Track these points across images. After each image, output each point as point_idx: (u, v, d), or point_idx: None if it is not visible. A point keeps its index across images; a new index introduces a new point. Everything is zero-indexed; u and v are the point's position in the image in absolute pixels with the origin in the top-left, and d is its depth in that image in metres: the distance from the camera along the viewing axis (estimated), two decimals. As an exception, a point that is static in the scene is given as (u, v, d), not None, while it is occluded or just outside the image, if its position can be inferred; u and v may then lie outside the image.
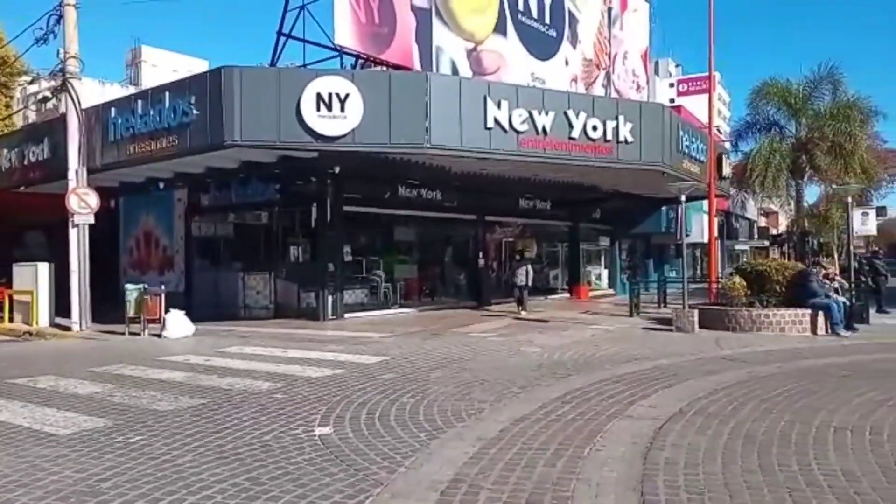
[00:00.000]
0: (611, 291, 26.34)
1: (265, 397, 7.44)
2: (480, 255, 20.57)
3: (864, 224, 17.56)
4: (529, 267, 18.33)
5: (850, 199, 17.64)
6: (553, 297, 23.62)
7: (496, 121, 14.27)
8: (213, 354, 10.84)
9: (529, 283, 18.01)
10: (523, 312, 17.35)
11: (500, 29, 19.52)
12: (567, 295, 24.30)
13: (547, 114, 14.87)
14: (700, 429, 5.86)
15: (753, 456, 5.06)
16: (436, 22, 17.71)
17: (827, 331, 13.19)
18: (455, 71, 17.99)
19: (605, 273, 27.29)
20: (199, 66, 46.64)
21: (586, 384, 7.94)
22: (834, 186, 24.37)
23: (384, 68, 16.13)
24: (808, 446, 5.31)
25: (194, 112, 13.43)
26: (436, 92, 13.80)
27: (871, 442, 5.43)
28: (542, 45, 21.13)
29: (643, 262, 30.54)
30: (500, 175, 17.72)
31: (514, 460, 5.02)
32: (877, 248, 26.55)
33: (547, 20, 21.30)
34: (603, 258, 27.37)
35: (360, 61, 16.47)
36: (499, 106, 14.30)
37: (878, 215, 54.79)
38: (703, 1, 17.81)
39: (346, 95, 13.15)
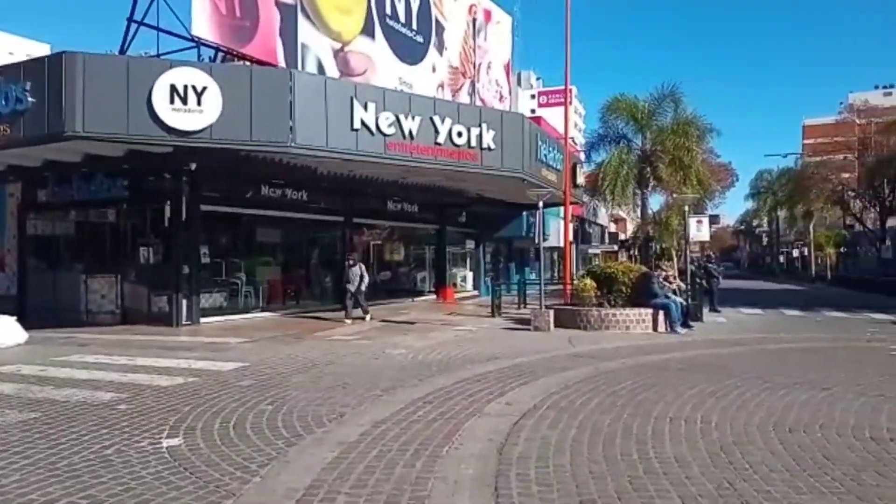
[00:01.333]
0: (475, 293, 27.06)
1: (107, 409, 6.91)
2: (348, 256, 20.36)
3: (699, 231, 19.28)
4: (362, 269, 16.46)
5: (686, 208, 19.29)
6: (420, 299, 23.88)
7: (363, 123, 14.22)
8: (50, 364, 9.91)
9: (364, 287, 16.28)
10: (349, 321, 15.69)
11: (367, 31, 19.48)
12: (434, 297, 24.66)
13: (414, 118, 15.03)
14: (552, 423, 6.15)
15: (599, 447, 5.39)
16: (301, 19, 17.36)
17: (666, 328, 14.34)
18: (321, 70, 17.72)
19: (470, 275, 27.99)
20: (41, 50, 42.55)
21: (448, 384, 8.09)
22: (674, 196, 26.59)
23: (246, 63, 15.56)
24: (647, 436, 5.73)
25: (29, 100, 12.22)
26: (301, 90, 13.51)
27: (702, 430, 5.96)
28: (409, 50, 21.33)
29: (506, 265, 31.67)
30: (368, 177, 17.67)
31: (374, 463, 5.01)
32: (710, 253, 29.28)
33: (414, 26, 21.54)
34: (468, 261, 28.06)
35: (221, 54, 15.78)
36: (366, 108, 14.26)
37: (711, 223, 60.27)
38: (563, 18, 18.78)
39: (204, 89, 12.54)
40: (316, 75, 16.41)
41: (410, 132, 14.91)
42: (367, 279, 16.45)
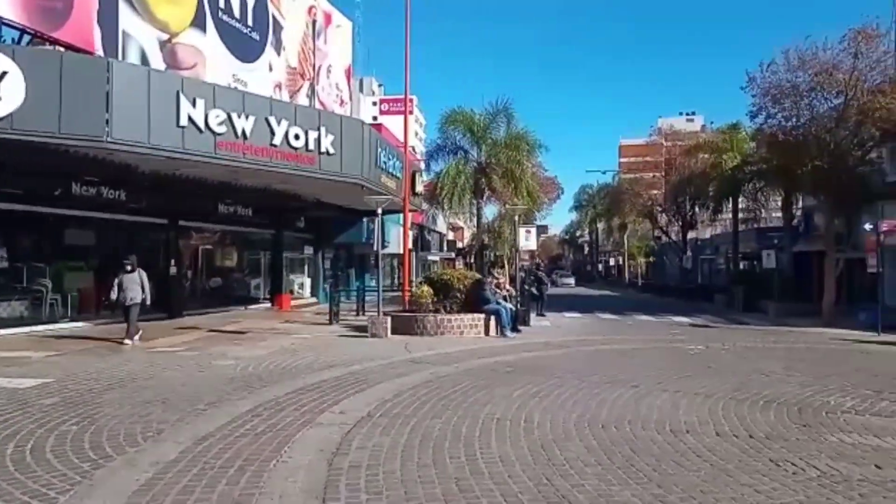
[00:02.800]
0: (314, 300, 26.51)
1: None
2: (172, 262, 19.06)
3: (528, 240, 20.38)
4: (142, 276, 13.09)
5: (517, 218, 20.32)
6: (254, 307, 22.95)
7: (191, 119, 13.43)
8: None
9: (148, 299, 13.15)
10: (128, 342, 12.66)
11: (198, 23, 18.45)
12: (269, 304, 23.81)
13: (247, 118, 14.45)
14: (384, 430, 6.15)
15: (429, 451, 5.47)
16: (123, 5, 16.05)
17: (497, 332, 14.98)
18: (145, 61, 16.48)
19: (308, 282, 27.39)
20: None
21: (280, 394, 7.82)
22: (506, 206, 27.90)
23: (57, 48, 14.08)
24: (475, 438, 5.92)
25: None
26: (119, 81, 12.48)
27: (525, 429, 6.26)
28: (244, 47, 20.50)
29: (346, 272, 31.39)
30: (196, 177, 16.69)
31: (193, 482, 4.69)
32: (539, 261, 31.05)
33: (250, 22, 20.75)
34: (306, 267, 27.45)
35: (28, 38, 14.15)
36: (194, 104, 13.48)
37: (540, 233, 63.56)
38: (404, 27, 19.02)
39: (3, 74, 11.17)
40: (138, 66, 15.22)
41: (244, 132, 14.32)
42: (148, 290, 13.09)
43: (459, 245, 59.95)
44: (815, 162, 19.97)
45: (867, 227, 19.24)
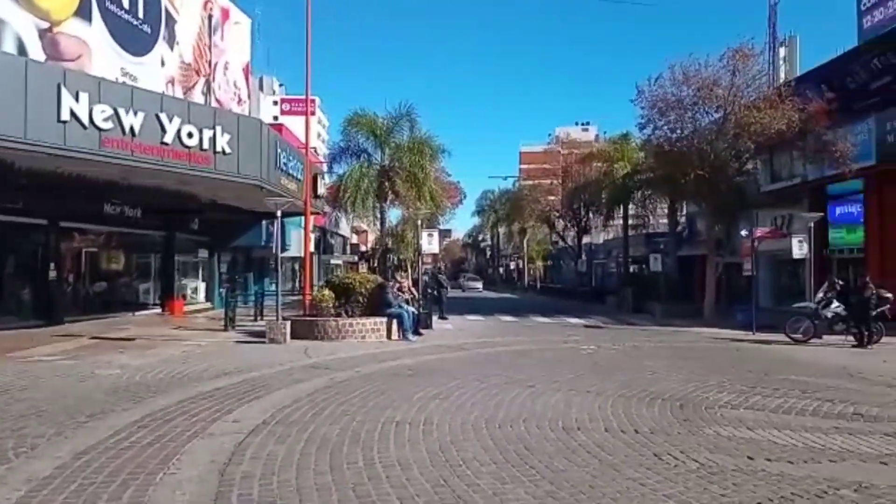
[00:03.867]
0: (209, 305, 25.50)
1: None
2: (52, 266, 17.78)
3: (430, 244, 20.52)
4: None
5: (419, 222, 20.44)
6: (143, 313, 21.77)
7: (73, 114, 12.61)
8: None
9: None
10: None
11: (83, 13, 17.34)
12: (160, 310, 22.67)
13: (136, 114, 13.73)
14: (280, 438, 6.01)
15: (326, 458, 5.40)
16: (-3, -12, 14.86)
17: (399, 336, 14.98)
18: (23, 51, 15.33)
19: (202, 286, 26.30)
20: None
21: (170, 404, 7.48)
22: (410, 210, 28.01)
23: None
24: (374, 442, 5.89)
25: None
26: (-8, 70, 11.52)
27: (424, 432, 6.30)
28: (134, 40, 19.47)
29: (243, 276, 30.39)
30: (80, 176, 15.64)
31: (71, 499, 4.41)
32: (441, 265, 31.31)
33: (140, 14, 19.74)
34: (201, 271, 26.35)
35: None
36: (77, 98, 12.66)
37: (444, 237, 63.83)
38: (305, 26, 18.66)
39: None
40: (13, 56, 14.13)
41: (132, 129, 13.59)
42: None
43: (363, 248, 59.50)
44: (698, 172, 21.32)
45: (743, 233, 20.77)
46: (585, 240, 47.29)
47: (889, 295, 15.24)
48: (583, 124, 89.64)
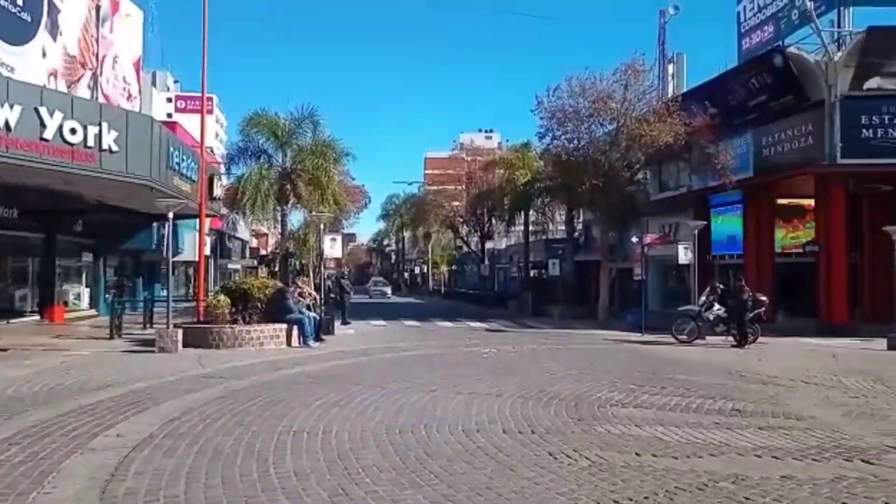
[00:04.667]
0: (93, 312, 23.94)
1: None
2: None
3: (333, 248, 20.26)
4: None
5: (322, 226, 20.11)
6: (19, 320, 20.14)
7: (-63, 105, 11.51)
8: None
9: None
10: None
11: (-50, -6, 15.92)
12: (38, 317, 21.06)
13: (12, 107, 12.76)
14: (168, 451, 5.72)
15: (218, 471, 5.18)
16: None
17: (300, 343, 14.65)
18: None
19: (86, 292, 24.67)
20: None
21: (46, 419, 6.95)
22: (312, 214, 27.47)
23: None
24: (269, 453, 5.71)
25: None
26: None
27: (322, 440, 6.18)
28: (11, 28, 18.07)
29: (132, 281, 28.78)
30: (-57, 172, 14.32)
31: (-75, 529, 4.00)
32: (344, 270, 30.95)
33: (19, 1, 18.33)
34: (85, 276, 24.72)
35: None
36: (-58, 87, 11.58)
37: (348, 241, 62.97)
38: (202, 20, 17.93)
39: None
40: None
41: (7, 123, 12.59)
42: None
43: (263, 252, 57.85)
44: (593, 181, 22.23)
45: (634, 239, 21.81)
46: (489, 245, 48.19)
47: (764, 298, 16.42)
48: (486, 132, 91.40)
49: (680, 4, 28.44)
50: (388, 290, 59.88)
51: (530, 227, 36.66)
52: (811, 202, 21.01)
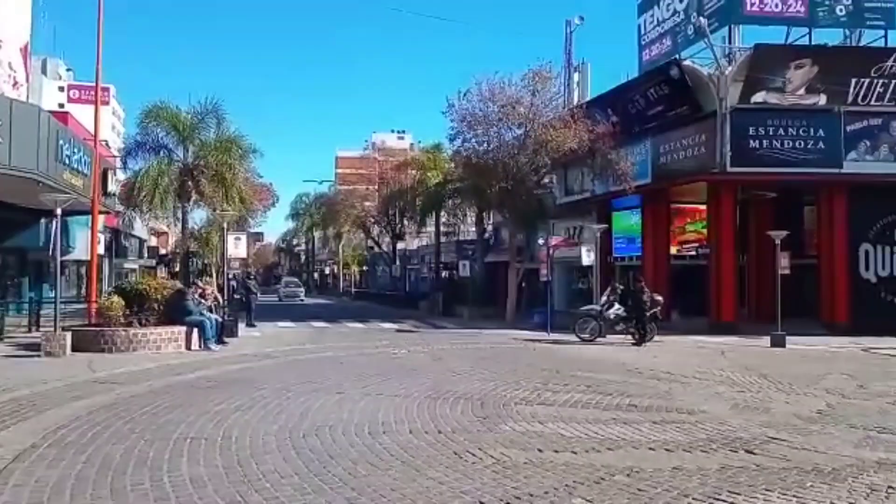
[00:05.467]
0: (-30, 315, 22.07)
1: None
2: None
3: (237, 248, 19.65)
4: None
5: (226, 225, 19.43)
6: None
7: None
8: None
9: None
10: None
11: None
12: None
13: None
14: (52, 462, 5.35)
15: (107, 481, 4.89)
16: None
17: (200, 346, 14.09)
18: None
19: (-38, 293, 22.72)
20: None
21: None
22: (216, 212, 26.48)
23: None
24: (163, 461, 5.44)
25: None
26: None
27: (221, 446, 5.95)
28: None
29: (17, 280, 26.75)
30: None
31: None
32: (249, 270, 30.01)
33: None
34: (-40, 276, 22.77)
35: None
36: None
37: (255, 241, 61.17)
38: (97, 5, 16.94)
39: None
40: None
41: None
42: None
43: (163, 252, 55.28)
44: (501, 184, 22.67)
45: (540, 241, 22.40)
46: (400, 246, 48.13)
47: (660, 298, 17.25)
48: (399, 132, 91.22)
49: (585, 15, 29.50)
50: (302, 291, 53.64)
51: (442, 228, 36.91)
52: (703, 207, 22.29)
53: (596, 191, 24.84)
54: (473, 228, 37.15)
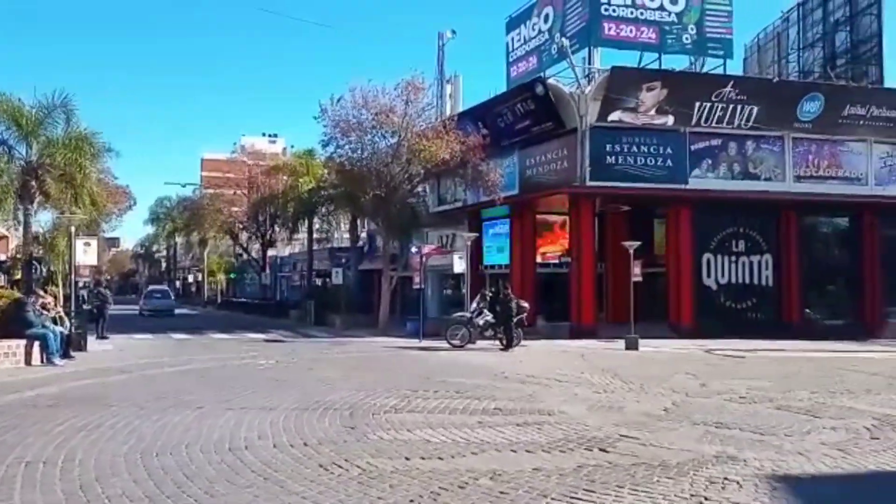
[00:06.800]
0: None
1: None
2: None
3: (87, 253, 18.17)
4: None
5: (73, 229, 17.97)
6: None
7: None
8: None
9: None
10: None
11: None
12: None
13: None
14: None
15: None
16: None
17: (42, 360, 12.89)
18: None
19: None
20: None
21: None
22: (63, 215, 24.38)
23: None
24: (-8, 490, 4.93)
25: None
26: None
27: (63, 470, 5.46)
28: None
29: None
30: None
31: None
32: (102, 278, 27.87)
33: None
34: None
35: None
36: None
37: (110, 246, 56.96)
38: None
39: None
40: None
41: None
42: None
43: (2, 258, 50.08)
44: (376, 191, 22.66)
45: (413, 249, 22.60)
46: (271, 252, 46.68)
47: (526, 304, 17.95)
48: (271, 136, 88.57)
49: (457, 29, 30.25)
50: (173, 303, 41.32)
51: (315, 235, 36.23)
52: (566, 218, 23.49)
53: (468, 200, 25.46)
54: (347, 236, 36.84)
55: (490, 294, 18.72)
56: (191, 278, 69.60)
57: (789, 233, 22.96)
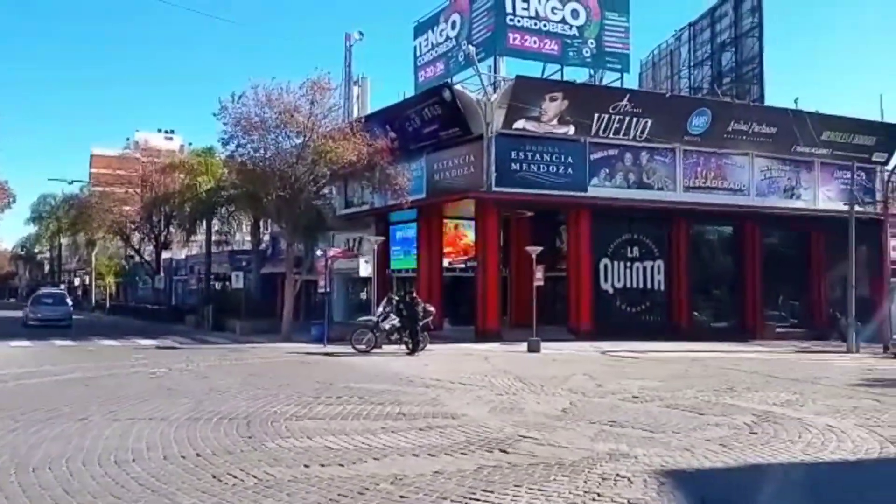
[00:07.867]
0: None
1: None
2: None
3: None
4: None
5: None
6: None
7: None
8: None
9: None
10: None
11: None
12: None
13: None
14: None
15: None
16: None
17: None
18: None
19: None
20: None
21: None
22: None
23: None
24: None
25: None
26: None
27: (-81, 492, 4.97)
28: None
29: None
30: None
31: None
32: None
33: None
34: None
35: None
36: None
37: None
38: None
39: None
40: None
41: None
42: None
43: None
44: (279, 192, 22.06)
45: (318, 252, 22.21)
46: (166, 255, 44.53)
47: (432, 308, 18.02)
48: (167, 132, 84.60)
49: (365, 31, 30.07)
50: (68, 309, 31.34)
51: (214, 237, 34.84)
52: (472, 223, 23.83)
53: (375, 204, 25.30)
54: (249, 238, 35.72)
55: (397, 298, 18.66)
56: (77, 282, 65.31)
57: (679, 240, 24.32)
